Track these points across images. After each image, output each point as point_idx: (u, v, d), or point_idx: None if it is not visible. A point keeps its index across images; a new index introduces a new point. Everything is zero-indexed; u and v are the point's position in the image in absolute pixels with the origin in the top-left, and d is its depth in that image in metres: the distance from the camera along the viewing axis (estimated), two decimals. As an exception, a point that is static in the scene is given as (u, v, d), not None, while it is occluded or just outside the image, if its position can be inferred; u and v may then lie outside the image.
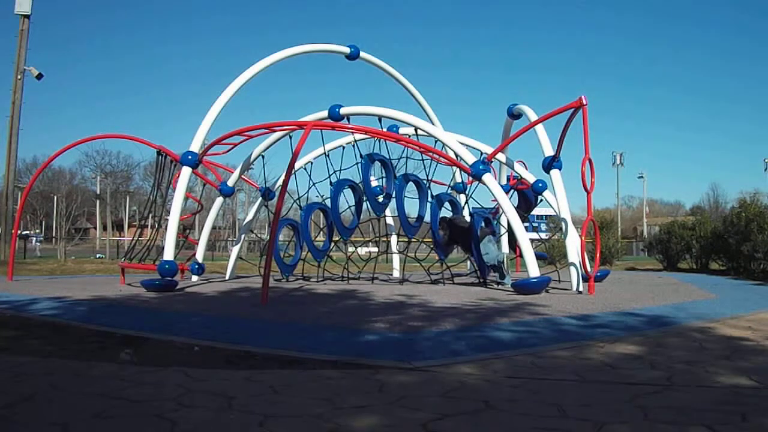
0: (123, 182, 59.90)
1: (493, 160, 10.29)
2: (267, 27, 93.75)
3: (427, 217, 10.50)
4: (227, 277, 11.94)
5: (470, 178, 9.79)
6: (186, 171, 9.88)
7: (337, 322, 5.46)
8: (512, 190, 11.68)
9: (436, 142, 10.36)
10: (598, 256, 10.00)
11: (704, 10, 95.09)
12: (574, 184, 11.28)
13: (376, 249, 12.55)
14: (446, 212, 10.86)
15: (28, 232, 48.11)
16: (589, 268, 8.94)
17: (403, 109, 10.47)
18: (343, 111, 10.31)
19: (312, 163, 11.98)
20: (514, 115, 11.12)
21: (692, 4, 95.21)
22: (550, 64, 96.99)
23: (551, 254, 15.28)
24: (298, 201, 11.65)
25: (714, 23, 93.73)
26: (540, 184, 10.24)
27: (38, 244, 30.83)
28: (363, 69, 56.99)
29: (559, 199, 9.38)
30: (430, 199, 10.65)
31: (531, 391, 3.01)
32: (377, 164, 10.84)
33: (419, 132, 10.31)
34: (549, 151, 9.37)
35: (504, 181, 12.29)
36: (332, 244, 11.75)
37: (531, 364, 3.66)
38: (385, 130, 10.41)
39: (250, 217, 13.72)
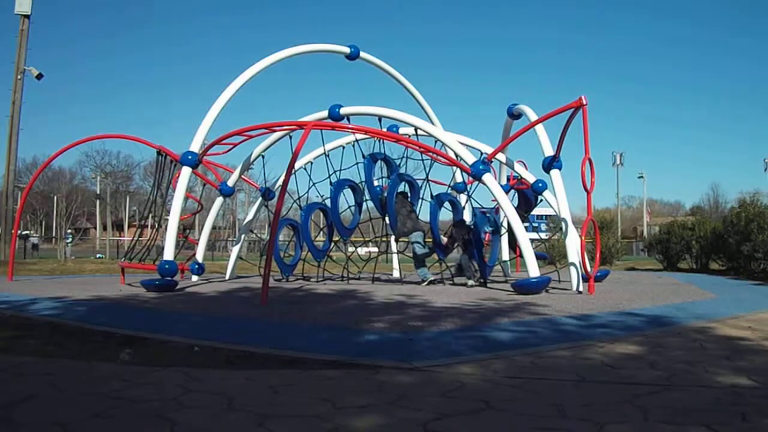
0: (123, 182, 59.96)
1: (493, 160, 10.29)
2: (267, 27, 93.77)
3: (427, 218, 10.49)
4: (227, 277, 11.94)
5: (470, 178, 9.79)
6: (186, 171, 9.88)
7: (337, 322, 5.46)
8: (512, 190, 11.68)
9: (436, 142, 10.36)
10: (598, 256, 9.99)
11: (704, 9, 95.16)
12: (574, 184, 11.27)
13: (376, 249, 12.55)
14: (445, 212, 10.88)
15: (28, 232, 48.00)
16: (589, 268, 8.94)
17: (403, 109, 10.48)
18: (343, 111, 10.31)
19: (312, 163, 11.98)
20: (514, 115, 11.12)
21: (692, 3, 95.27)
22: (550, 64, 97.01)
23: (551, 254, 15.29)
24: (298, 201, 11.66)
25: (714, 22, 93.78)
26: (540, 184, 10.24)
27: (69, 245, 30.07)
28: (363, 69, 56.95)
29: (559, 199, 9.38)
30: (429, 199, 10.65)
31: (531, 391, 3.01)
32: (379, 164, 10.83)
33: (419, 132, 10.31)
34: (549, 151, 9.37)
35: (504, 181, 12.28)
36: (332, 244, 11.75)
37: (531, 364, 3.66)
38: (385, 130, 10.41)
39: (250, 217, 13.72)
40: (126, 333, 4.78)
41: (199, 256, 11.51)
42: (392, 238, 13.03)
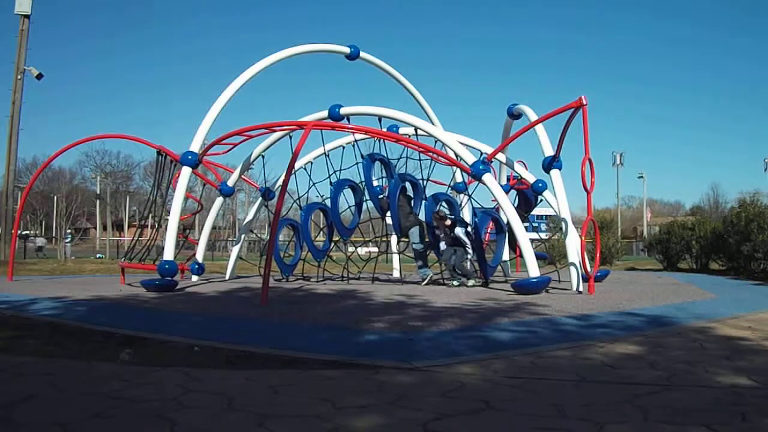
0: (123, 182, 59.95)
1: (493, 160, 10.28)
2: (267, 27, 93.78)
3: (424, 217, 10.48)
4: (227, 277, 11.94)
5: (470, 178, 9.79)
6: (186, 171, 9.88)
7: (337, 322, 5.46)
8: (512, 190, 11.68)
9: (436, 142, 10.35)
10: (598, 256, 9.99)
11: (705, 9, 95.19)
12: (574, 184, 11.27)
13: (376, 249, 12.56)
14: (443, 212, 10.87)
15: (28, 232, 47.96)
16: (589, 268, 8.94)
17: (403, 109, 10.48)
18: (343, 111, 10.31)
19: (312, 163, 11.98)
20: (514, 115, 11.12)
21: (692, 3, 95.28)
22: (550, 64, 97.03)
23: (551, 254, 15.28)
24: (298, 201, 11.65)
25: (714, 22, 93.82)
26: (540, 184, 10.24)
27: (69, 245, 29.62)
28: (363, 69, 56.97)
29: (559, 199, 9.38)
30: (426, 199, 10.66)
31: (531, 391, 3.01)
32: (377, 164, 10.84)
33: (419, 132, 10.31)
34: (549, 151, 9.37)
35: (504, 181, 12.28)
36: (332, 244, 11.75)
37: (531, 364, 3.66)
38: (385, 130, 10.41)
39: (250, 217, 13.72)
40: (126, 333, 4.78)
41: (199, 256, 11.51)
42: (392, 238, 13.04)
